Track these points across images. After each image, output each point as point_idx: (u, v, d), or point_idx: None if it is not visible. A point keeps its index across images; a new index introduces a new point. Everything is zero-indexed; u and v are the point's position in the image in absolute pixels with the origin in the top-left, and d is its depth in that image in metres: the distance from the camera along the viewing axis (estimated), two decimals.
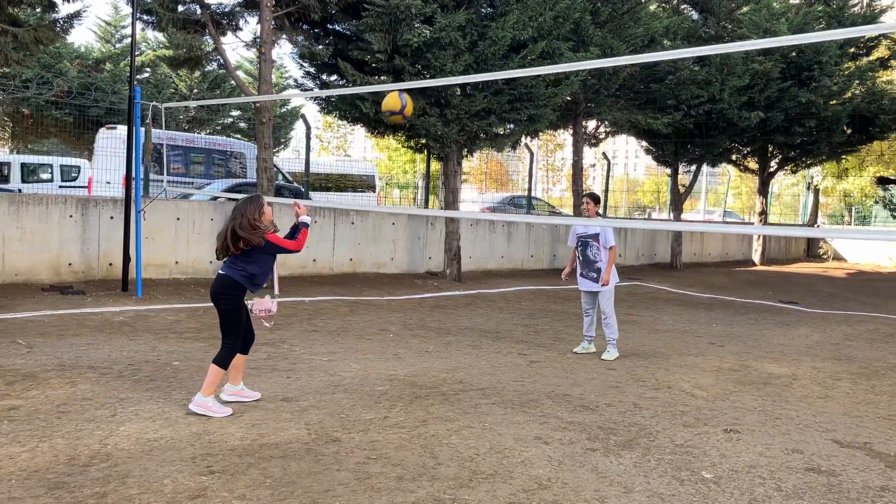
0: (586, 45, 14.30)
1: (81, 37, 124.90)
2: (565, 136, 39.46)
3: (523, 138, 16.76)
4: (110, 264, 11.39)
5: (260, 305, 5.64)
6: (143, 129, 10.54)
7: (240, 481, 4.04)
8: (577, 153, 17.20)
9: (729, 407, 6.03)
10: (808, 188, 27.45)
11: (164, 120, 10.89)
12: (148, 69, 31.86)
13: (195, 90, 33.11)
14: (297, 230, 5.55)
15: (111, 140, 16.57)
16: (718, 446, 5.01)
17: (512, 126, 14.30)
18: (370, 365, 6.95)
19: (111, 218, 11.44)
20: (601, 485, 4.25)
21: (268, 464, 4.30)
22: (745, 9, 17.82)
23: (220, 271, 5.34)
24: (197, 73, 31.67)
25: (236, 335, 5.28)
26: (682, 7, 18.66)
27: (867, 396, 6.63)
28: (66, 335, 7.58)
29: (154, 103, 10.64)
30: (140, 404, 5.31)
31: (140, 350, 7.09)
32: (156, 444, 4.55)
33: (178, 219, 12.11)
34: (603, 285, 7.73)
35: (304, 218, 5.56)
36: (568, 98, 15.06)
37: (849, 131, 20.28)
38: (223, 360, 5.22)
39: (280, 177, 16.42)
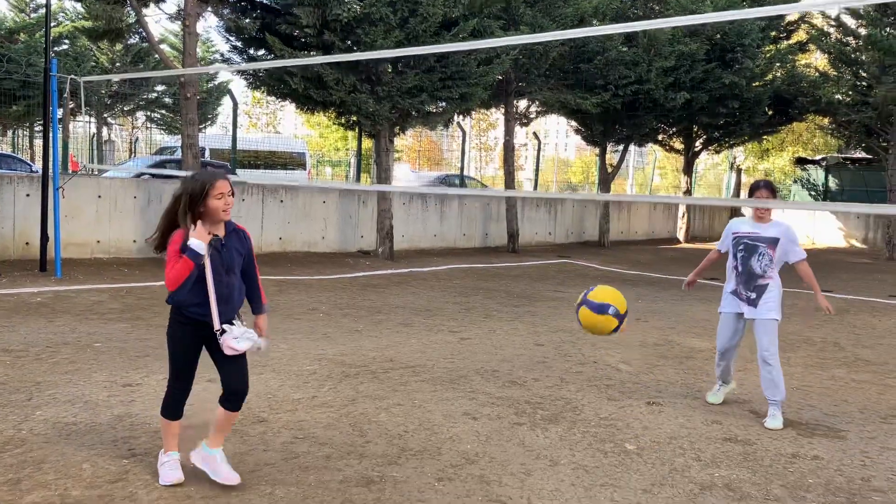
0: (517, 24, 14.34)
1: None
2: (497, 116, 39.63)
3: (455, 117, 16.78)
4: (27, 243, 10.96)
5: (227, 340, 3.74)
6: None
7: None
8: (509, 132, 17.29)
9: (652, 381, 6.19)
10: (731, 168, 28.26)
11: (83, 94, 10.48)
12: (66, 41, 30.50)
13: (118, 64, 31.94)
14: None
15: None
16: (641, 419, 5.15)
17: (444, 104, 14.28)
18: (299, 345, 6.89)
19: (27, 196, 11.00)
20: (528, 458, 4.31)
21: (191, 445, 4.22)
22: None
23: None
24: (119, 47, 30.56)
25: (172, 371, 3.86)
26: None
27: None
28: None
29: (72, 77, 10.24)
30: (58, 388, 5.15)
31: (59, 332, 6.85)
32: (74, 428, 4.42)
33: (99, 196, 11.71)
34: (826, 311, 5.38)
35: (194, 242, 3.52)
36: (499, 77, 15.09)
37: (770, 112, 20.91)
38: (163, 405, 3.87)
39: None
